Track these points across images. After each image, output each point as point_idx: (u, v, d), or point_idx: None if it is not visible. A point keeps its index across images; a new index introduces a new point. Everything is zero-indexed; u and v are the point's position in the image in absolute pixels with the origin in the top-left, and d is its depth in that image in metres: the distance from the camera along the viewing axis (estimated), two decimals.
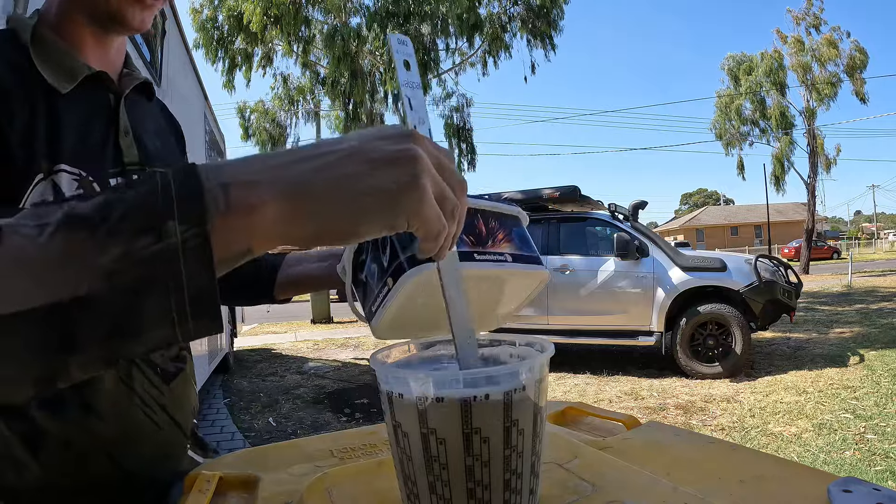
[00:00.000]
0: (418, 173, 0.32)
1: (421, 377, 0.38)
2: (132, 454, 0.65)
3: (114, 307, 0.28)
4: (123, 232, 0.28)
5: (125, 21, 0.63)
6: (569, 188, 5.81)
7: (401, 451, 0.40)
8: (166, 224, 0.28)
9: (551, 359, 0.41)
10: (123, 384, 0.64)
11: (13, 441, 0.58)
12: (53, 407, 0.60)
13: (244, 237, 0.31)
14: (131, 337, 0.29)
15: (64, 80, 0.62)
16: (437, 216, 0.33)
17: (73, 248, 0.27)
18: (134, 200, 0.29)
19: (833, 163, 19.71)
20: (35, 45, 0.62)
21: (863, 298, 10.19)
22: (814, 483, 0.45)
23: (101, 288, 0.27)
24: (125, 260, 0.28)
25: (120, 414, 0.64)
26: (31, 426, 0.59)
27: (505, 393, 0.37)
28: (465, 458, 0.37)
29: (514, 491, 0.39)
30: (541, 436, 0.42)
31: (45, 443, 0.59)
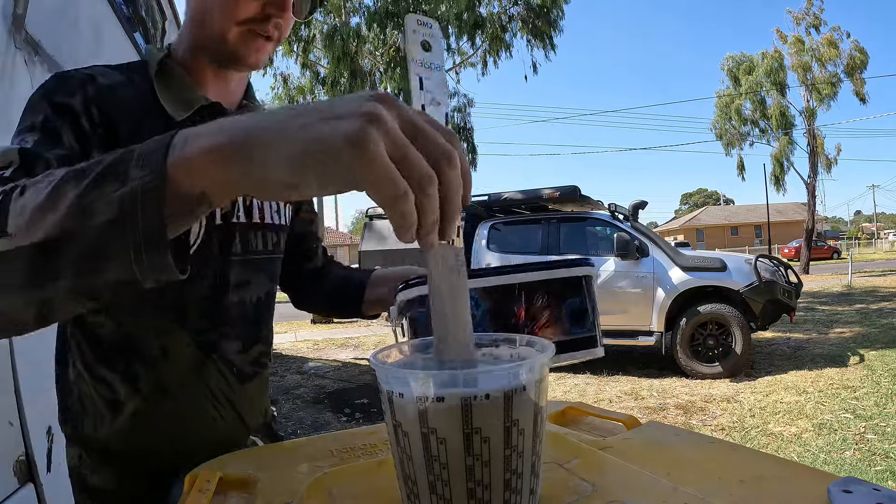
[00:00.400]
0: (367, 126, 0.29)
1: (421, 377, 0.38)
2: (193, 439, 0.71)
3: (86, 242, 0.34)
4: (101, 179, 0.34)
5: (242, 60, 0.69)
6: (569, 188, 5.81)
7: (401, 451, 0.40)
8: (131, 171, 0.34)
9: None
10: (197, 376, 0.70)
11: (98, 401, 0.68)
12: (134, 382, 0.68)
13: (195, 182, 0.33)
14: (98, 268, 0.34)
15: (180, 109, 0.68)
16: (389, 177, 0.29)
17: (63, 194, 0.35)
18: (117, 156, 0.35)
19: (833, 163, 19.72)
20: (160, 76, 0.69)
21: (863, 298, 10.19)
22: (814, 483, 0.45)
23: (78, 226, 0.34)
24: (98, 201, 0.34)
25: (189, 402, 0.70)
26: (114, 393, 0.68)
27: (505, 392, 0.37)
28: (466, 457, 0.37)
29: (515, 491, 0.39)
30: (541, 436, 0.42)
31: (123, 409, 0.68)
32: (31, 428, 1.43)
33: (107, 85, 0.65)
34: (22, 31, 1.46)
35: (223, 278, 0.71)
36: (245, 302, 0.74)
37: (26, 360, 1.43)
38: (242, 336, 0.74)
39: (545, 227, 5.88)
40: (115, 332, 0.68)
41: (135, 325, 0.68)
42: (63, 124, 0.60)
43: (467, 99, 11.95)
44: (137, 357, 0.68)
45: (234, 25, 0.66)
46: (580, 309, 0.60)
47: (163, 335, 0.69)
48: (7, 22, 1.40)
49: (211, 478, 0.52)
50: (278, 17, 0.67)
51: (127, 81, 0.68)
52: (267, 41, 0.69)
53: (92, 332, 0.68)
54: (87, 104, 0.62)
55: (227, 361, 0.73)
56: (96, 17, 2.11)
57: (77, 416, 0.70)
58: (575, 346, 0.60)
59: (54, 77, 0.64)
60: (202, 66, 0.71)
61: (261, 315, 0.77)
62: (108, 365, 0.68)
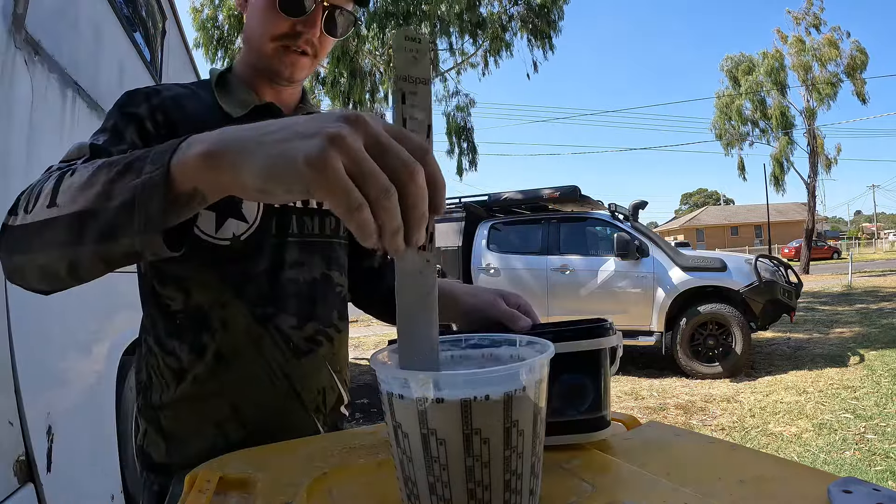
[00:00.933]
0: (325, 146, 0.33)
1: (421, 378, 0.38)
2: (250, 409, 0.75)
3: (105, 217, 0.44)
4: (125, 171, 0.44)
5: (278, 73, 0.77)
6: (569, 188, 5.81)
7: (401, 452, 0.40)
8: (146, 166, 0.43)
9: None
10: (254, 347, 0.75)
11: (165, 371, 0.75)
12: (199, 351, 0.74)
13: (189, 179, 0.41)
14: (111, 239, 0.44)
15: (236, 108, 0.77)
16: (343, 189, 0.33)
17: (97, 180, 0.45)
18: (140, 154, 0.45)
19: (833, 163, 19.73)
20: (219, 86, 0.80)
21: (863, 298, 10.19)
22: (814, 483, 0.45)
23: (103, 205, 0.44)
24: (119, 188, 0.44)
25: (246, 370, 0.75)
26: (179, 363, 0.74)
27: (505, 393, 0.37)
28: (466, 458, 0.37)
29: (515, 491, 0.39)
30: (541, 436, 0.42)
31: (186, 376, 0.74)
32: (31, 428, 1.43)
33: (171, 96, 0.75)
34: (22, 31, 1.46)
35: (279, 257, 0.78)
36: (299, 280, 0.79)
37: (26, 359, 1.43)
38: (297, 312, 0.79)
39: (545, 227, 5.88)
40: (185, 305, 0.75)
41: (201, 297, 0.74)
42: (128, 127, 0.70)
43: (468, 99, 11.95)
44: (203, 327, 0.74)
45: (270, 41, 0.75)
46: (581, 386, 0.55)
47: (224, 307, 0.74)
48: (7, 22, 1.40)
49: (211, 478, 0.52)
50: (307, 33, 0.74)
51: (191, 94, 0.78)
52: (301, 56, 0.76)
53: (166, 306, 0.75)
54: (152, 111, 0.72)
55: (284, 335, 0.77)
56: (96, 17, 2.11)
57: (145, 389, 0.77)
58: (576, 427, 0.56)
59: (125, 93, 0.74)
60: (258, 80, 0.80)
61: (316, 294, 0.81)
62: (178, 336, 0.74)
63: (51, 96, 1.66)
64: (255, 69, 0.80)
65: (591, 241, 5.82)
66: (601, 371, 0.56)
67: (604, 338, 0.56)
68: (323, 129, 0.34)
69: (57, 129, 1.72)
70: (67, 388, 1.73)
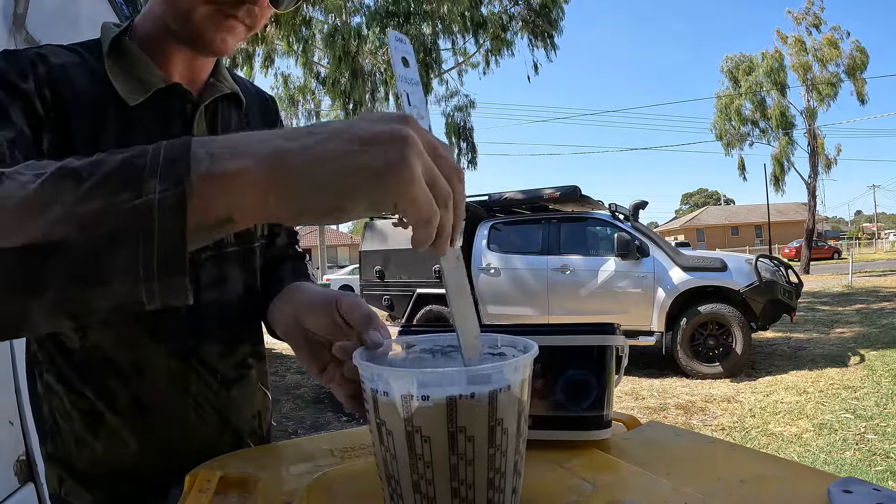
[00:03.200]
0: (407, 153, 0.31)
1: (405, 376, 0.38)
2: (181, 450, 0.66)
3: (82, 254, 0.30)
4: (107, 186, 0.30)
5: (206, 43, 0.61)
6: (569, 188, 5.81)
7: (384, 450, 0.40)
8: (148, 182, 0.30)
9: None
10: (177, 385, 0.65)
11: (74, 414, 0.63)
12: (107, 398, 0.62)
13: (223, 203, 0.31)
14: (94, 286, 0.30)
15: (134, 92, 0.62)
16: (426, 199, 0.31)
17: (56, 196, 0.30)
18: (124, 160, 0.32)
19: (833, 163, 19.74)
20: (113, 56, 0.62)
21: (863, 298, 10.18)
22: (814, 483, 0.45)
23: (74, 235, 0.30)
24: (104, 212, 0.30)
25: (170, 413, 0.65)
26: (90, 406, 0.62)
27: (490, 392, 0.37)
28: (450, 456, 0.37)
29: (498, 489, 0.40)
30: (524, 435, 0.42)
31: (102, 424, 0.63)
32: (32, 428, 1.43)
33: (59, 64, 0.59)
34: (22, 31, 1.46)
35: (194, 279, 0.64)
36: (222, 300, 0.68)
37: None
38: (224, 338, 0.69)
39: (545, 227, 5.88)
40: (82, 345, 0.62)
41: (102, 338, 0.61)
42: (13, 104, 0.54)
43: (469, 99, 11.96)
44: (110, 372, 0.62)
45: (201, 4, 0.59)
46: (585, 382, 0.55)
47: (134, 348, 0.63)
48: (7, 22, 1.40)
49: (211, 477, 0.52)
50: (252, 1, 0.59)
51: (81, 62, 0.61)
52: (237, 24, 0.61)
53: (60, 343, 0.62)
54: (39, 85, 0.57)
55: (209, 367, 0.67)
56: (96, 17, 2.11)
57: (52, 435, 0.65)
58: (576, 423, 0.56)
59: (2, 54, 0.57)
60: (167, 46, 0.64)
61: (243, 313, 0.71)
62: (83, 378, 0.62)
63: None
64: (169, 32, 0.63)
65: (591, 241, 5.82)
66: (606, 369, 0.56)
67: (611, 335, 0.56)
68: (392, 132, 0.31)
69: None
70: None
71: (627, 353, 0.59)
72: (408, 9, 9.61)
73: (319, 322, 0.57)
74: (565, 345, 0.55)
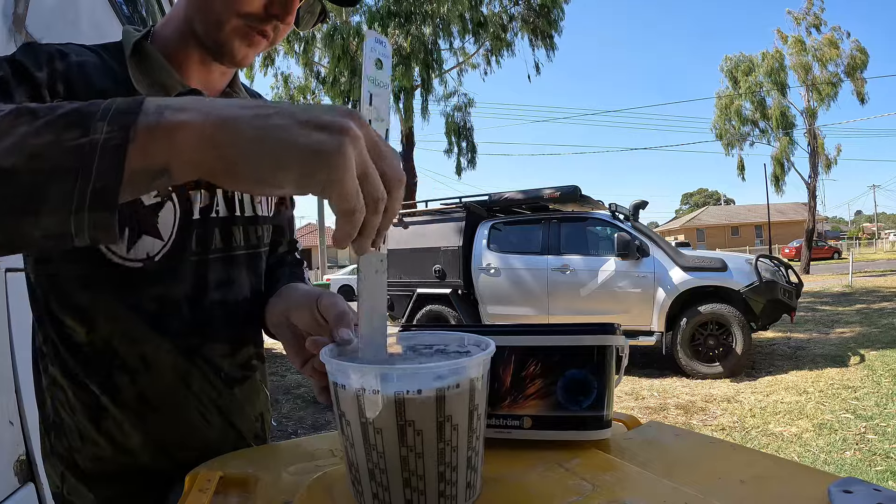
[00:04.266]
0: (344, 143, 0.32)
1: (361, 370, 0.40)
2: (182, 448, 0.66)
3: (25, 182, 0.32)
4: (58, 125, 0.33)
5: (231, 53, 0.64)
6: (569, 188, 5.81)
7: (345, 439, 0.43)
8: (96, 125, 0.33)
9: None
10: (181, 382, 0.66)
11: (78, 407, 0.64)
12: (111, 391, 0.63)
13: (162, 152, 0.33)
14: (29, 214, 0.32)
15: (153, 94, 0.63)
16: (352, 191, 0.32)
17: (11, 129, 0.33)
18: (80, 106, 0.34)
19: (833, 163, 19.73)
20: (135, 59, 0.64)
21: (863, 298, 10.18)
22: (814, 483, 0.45)
23: (21, 165, 0.32)
24: (51, 146, 0.32)
25: (174, 410, 0.66)
26: (95, 400, 0.63)
27: (438, 389, 0.39)
28: (400, 448, 0.40)
29: (450, 483, 0.41)
30: (478, 432, 0.43)
31: (105, 418, 0.64)
32: (32, 428, 1.43)
33: (78, 62, 0.61)
34: (22, 31, 1.46)
35: (202, 278, 0.67)
36: (228, 302, 0.69)
37: (27, 359, 1.43)
38: (229, 338, 0.70)
39: (545, 227, 5.88)
40: (89, 338, 0.63)
41: (109, 331, 0.63)
42: (20, 86, 0.54)
43: (468, 99, 11.96)
44: (115, 366, 0.63)
45: (235, 17, 0.62)
46: (585, 382, 0.55)
47: (141, 343, 0.64)
48: (7, 22, 1.40)
49: (211, 477, 0.52)
50: (280, 19, 0.63)
51: (100, 63, 0.63)
52: (262, 39, 0.65)
53: (67, 336, 0.63)
54: (53, 78, 0.57)
55: (214, 366, 0.68)
56: (96, 17, 2.11)
57: (55, 428, 0.66)
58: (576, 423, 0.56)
59: (23, 45, 0.59)
60: (187, 53, 0.66)
61: (249, 315, 0.72)
62: (87, 371, 0.63)
63: None
64: (193, 40, 0.65)
65: (591, 241, 5.81)
66: (606, 369, 0.56)
67: (611, 335, 0.56)
68: (337, 122, 0.33)
69: None
70: None
71: (628, 353, 0.59)
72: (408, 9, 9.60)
73: (303, 318, 0.61)
74: (565, 345, 0.55)
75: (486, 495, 0.46)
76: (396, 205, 0.36)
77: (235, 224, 0.70)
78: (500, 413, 0.57)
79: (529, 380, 0.56)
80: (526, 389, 0.56)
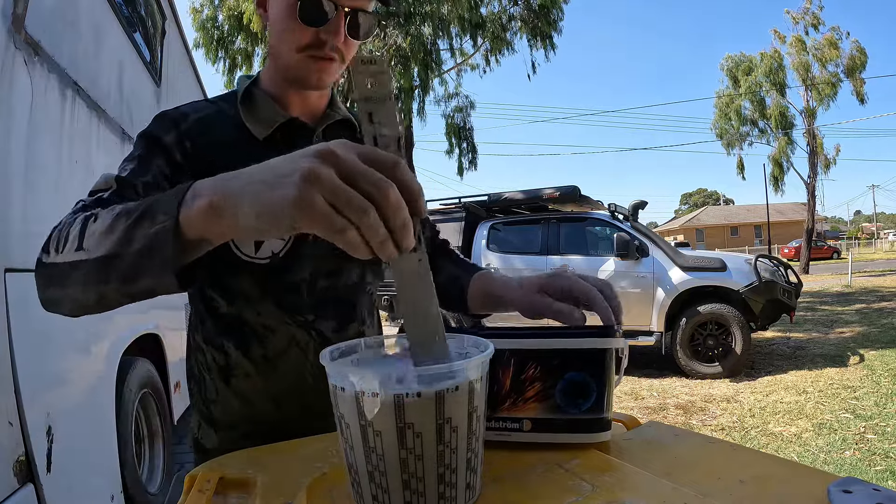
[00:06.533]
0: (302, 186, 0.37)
1: (360, 373, 0.41)
2: (294, 406, 0.80)
3: (127, 261, 0.49)
4: (140, 218, 0.48)
5: (306, 82, 0.78)
6: (569, 188, 5.81)
7: (344, 441, 0.43)
8: (158, 216, 0.47)
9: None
10: (299, 349, 0.80)
11: (213, 367, 0.80)
12: (243, 351, 0.79)
13: (195, 229, 0.45)
14: (133, 280, 0.49)
15: (262, 129, 0.79)
16: (325, 222, 0.37)
17: (117, 227, 0.50)
18: (154, 200, 0.49)
19: (832, 163, 19.71)
20: (245, 103, 0.80)
21: (863, 298, 10.19)
22: (814, 483, 0.45)
23: (123, 249, 0.49)
24: (138, 235, 0.48)
25: (291, 372, 0.80)
26: (227, 359, 0.79)
27: (437, 392, 0.39)
28: (400, 450, 0.40)
29: (449, 485, 0.41)
30: (477, 433, 0.43)
31: (235, 374, 0.79)
32: (31, 428, 1.43)
33: (197, 119, 0.77)
34: (22, 31, 1.46)
35: (317, 267, 0.80)
36: (338, 287, 0.83)
37: (26, 359, 1.43)
38: (337, 316, 0.83)
39: (545, 227, 5.88)
40: (229, 310, 0.79)
41: (245, 307, 0.78)
42: (155, 157, 0.72)
43: (468, 100, 11.95)
44: (249, 332, 0.79)
45: (295, 52, 0.75)
46: (584, 384, 0.55)
47: (266, 315, 0.78)
48: (7, 22, 1.40)
49: (211, 478, 0.52)
50: (331, 41, 0.74)
51: (217, 114, 0.80)
52: (329, 63, 0.76)
53: (213, 308, 0.80)
54: (180, 139, 0.74)
55: (325, 338, 0.81)
56: (96, 17, 2.11)
57: (198, 383, 0.83)
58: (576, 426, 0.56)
59: (155, 117, 0.77)
60: (283, 88, 0.81)
61: (354, 298, 0.85)
62: (225, 336, 0.79)
63: (51, 96, 1.66)
64: (283, 79, 0.80)
65: (591, 241, 5.82)
66: (605, 372, 0.56)
67: (610, 338, 0.56)
68: (297, 168, 0.37)
69: (57, 129, 1.72)
70: (67, 388, 1.73)
71: (627, 355, 0.59)
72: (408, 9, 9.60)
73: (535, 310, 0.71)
74: (564, 347, 0.55)
75: (486, 496, 0.46)
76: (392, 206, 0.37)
77: None
78: (500, 416, 0.57)
79: (529, 382, 0.56)
80: (525, 392, 0.56)
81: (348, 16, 0.74)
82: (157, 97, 3.06)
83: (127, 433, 2.21)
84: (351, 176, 0.37)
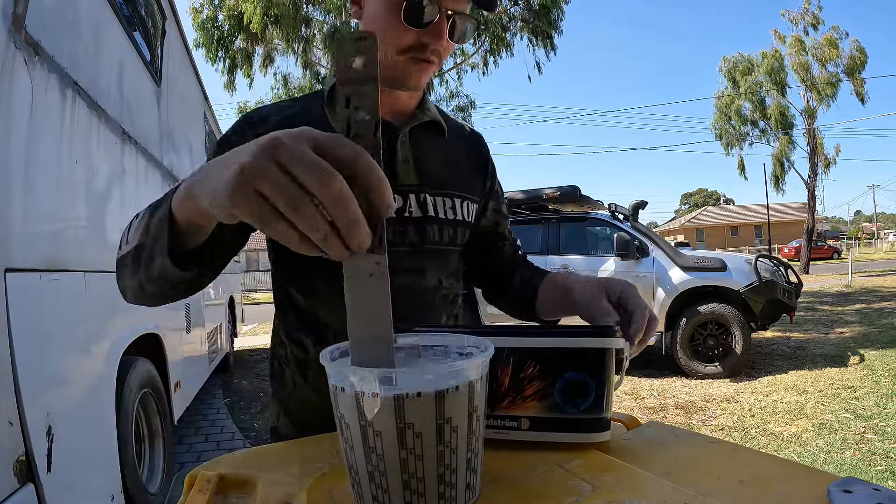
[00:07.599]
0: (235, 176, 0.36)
1: (360, 373, 0.40)
2: None
3: (147, 248, 0.57)
4: (155, 210, 0.56)
5: (404, 83, 0.78)
6: (569, 188, 5.81)
7: (344, 441, 0.43)
8: (163, 205, 0.54)
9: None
10: None
11: (292, 361, 0.84)
12: (321, 345, 0.78)
13: (181, 214, 0.51)
14: (149, 265, 0.57)
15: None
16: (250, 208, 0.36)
17: (143, 220, 0.58)
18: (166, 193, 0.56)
19: (833, 163, 19.70)
20: (330, 101, 0.81)
21: (863, 298, 10.19)
22: (814, 483, 0.45)
23: (145, 238, 0.57)
24: (152, 225, 0.56)
25: None
26: (305, 354, 0.82)
27: (437, 392, 0.39)
28: (400, 450, 0.40)
29: (449, 485, 0.41)
30: (477, 433, 0.43)
31: (311, 367, 0.82)
32: (31, 428, 1.43)
33: (278, 120, 0.78)
34: (22, 31, 1.46)
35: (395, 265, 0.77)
36: (415, 287, 0.83)
37: (26, 359, 1.43)
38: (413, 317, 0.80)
39: (545, 227, 5.88)
40: (306, 305, 0.82)
41: (319, 302, 0.81)
42: None
43: (469, 100, 11.95)
44: (325, 325, 0.81)
45: (396, 54, 0.75)
46: (582, 384, 0.55)
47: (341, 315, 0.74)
48: (7, 22, 1.40)
49: (211, 478, 0.52)
50: (434, 44, 0.74)
51: (301, 112, 0.81)
52: (428, 65, 0.77)
53: (293, 305, 0.83)
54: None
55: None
56: (96, 17, 2.11)
57: (278, 376, 0.86)
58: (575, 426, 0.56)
59: (236, 122, 0.80)
60: None
61: (431, 299, 0.85)
62: (304, 330, 0.82)
63: (51, 96, 1.66)
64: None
65: (591, 241, 5.81)
66: (605, 372, 0.56)
67: (610, 338, 0.56)
68: (238, 159, 0.37)
69: (57, 129, 1.72)
70: (67, 388, 1.73)
71: (629, 358, 0.59)
72: None
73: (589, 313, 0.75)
74: (563, 347, 0.55)
75: (486, 496, 0.46)
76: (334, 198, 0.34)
77: (430, 223, 0.83)
78: (498, 414, 0.57)
79: (528, 381, 0.56)
80: (524, 391, 0.56)
81: (450, 18, 0.74)
82: (157, 97, 3.06)
83: (127, 433, 2.21)
84: (290, 166, 0.35)
